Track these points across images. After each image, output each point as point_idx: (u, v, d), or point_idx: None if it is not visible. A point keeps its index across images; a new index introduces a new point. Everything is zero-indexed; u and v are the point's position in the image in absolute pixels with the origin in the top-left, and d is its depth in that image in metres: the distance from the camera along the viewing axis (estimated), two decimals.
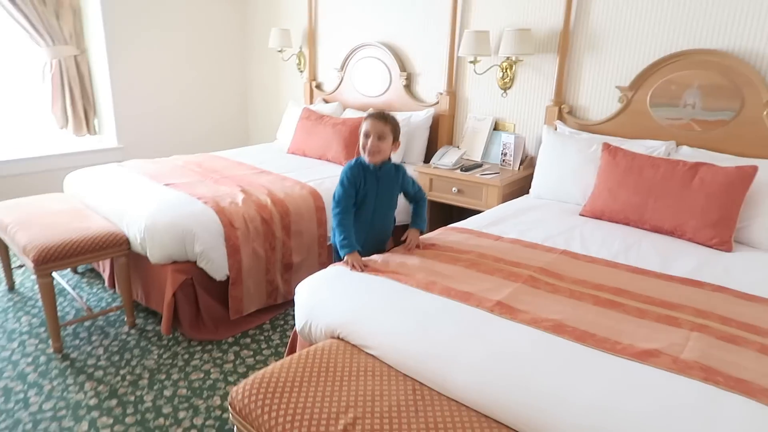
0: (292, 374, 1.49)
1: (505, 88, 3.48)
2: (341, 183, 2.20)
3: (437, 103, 3.77)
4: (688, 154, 2.68)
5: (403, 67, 3.95)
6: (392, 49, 3.97)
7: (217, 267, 2.58)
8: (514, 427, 1.29)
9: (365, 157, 2.19)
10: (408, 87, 3.96)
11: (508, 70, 3.41)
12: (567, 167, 2.90)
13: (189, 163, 3.51)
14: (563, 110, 3.21)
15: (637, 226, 2.51)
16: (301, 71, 4.72)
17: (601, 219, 2.63)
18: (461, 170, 3.29)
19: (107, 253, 2.56)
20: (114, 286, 3.04)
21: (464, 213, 3.56)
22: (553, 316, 1.68)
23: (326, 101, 4.44)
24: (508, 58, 3.37)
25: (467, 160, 3.52)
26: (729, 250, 2.27)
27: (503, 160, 3.40)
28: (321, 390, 1.43)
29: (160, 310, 2.73)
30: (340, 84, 4.36)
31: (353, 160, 2.24)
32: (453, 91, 3.71)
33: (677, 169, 2.43)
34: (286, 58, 4.70)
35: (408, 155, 3.73)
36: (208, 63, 4.93)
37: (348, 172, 2.20)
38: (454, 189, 3.28)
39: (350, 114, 3.99)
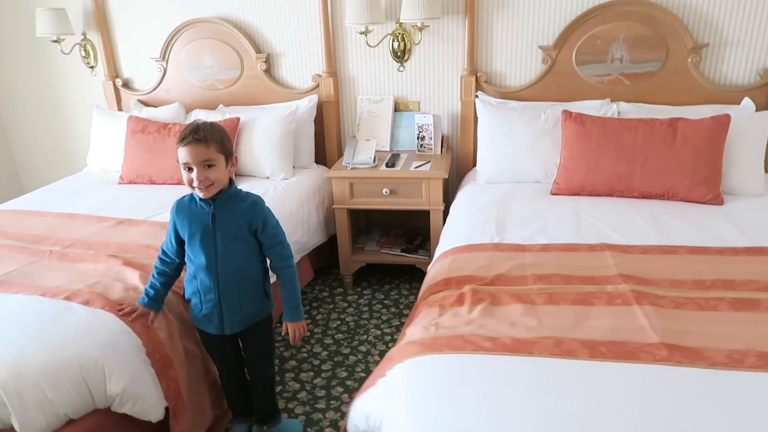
0: None
1: (402, 60, 2.96)
2: None
3: (316, 87, 3.05)
4: (628, 110, 2.58)
5: (258, 48, 3.08)
6: (238, 25, 3.05)
7: (150, 404, 1.57)
8: None
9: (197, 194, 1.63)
10: (268, 71, 3.12)
11: (404, 39, 2.89)
12: (519, 143, 2.56)
13: None
14: (480, 79, 2.85)
15: (624, 196, 2.33)
16: (92, 67, 3.40)
17: (580, 195, 2.38)
18: (387, 166, 2.71)
19: None
20: None
21: (392, 216, 3.06)
22: (732, 345, 1.33)
23: (144, 103, 3.29)
24: (401, 24, 2.84)
25: (378, 151, 2.94)
26: (721, 203, 2.24)
27: (421, 145, 2.91)
28: None
29: None
30: (163, 78, 3.24)
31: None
32: (334, 71, 3.03)
33: (656, 129, 2.28)
34: (67, 50, 3.31)
35: (297, 158, 2.97)
36: None
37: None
38: (385, 190, 2.68)
39: (202, 115, 2.98)
